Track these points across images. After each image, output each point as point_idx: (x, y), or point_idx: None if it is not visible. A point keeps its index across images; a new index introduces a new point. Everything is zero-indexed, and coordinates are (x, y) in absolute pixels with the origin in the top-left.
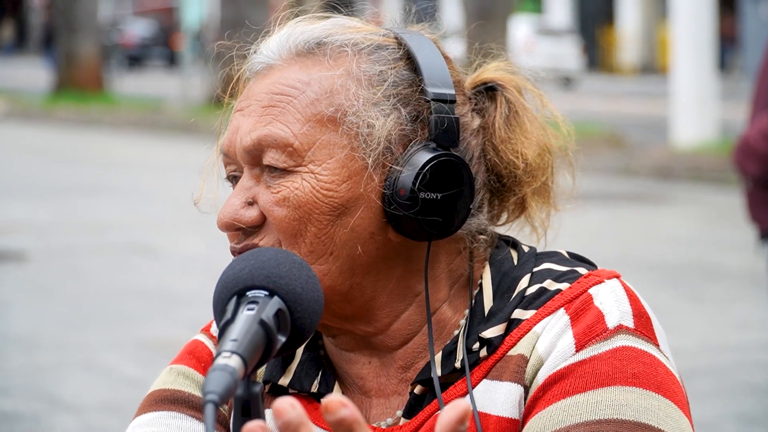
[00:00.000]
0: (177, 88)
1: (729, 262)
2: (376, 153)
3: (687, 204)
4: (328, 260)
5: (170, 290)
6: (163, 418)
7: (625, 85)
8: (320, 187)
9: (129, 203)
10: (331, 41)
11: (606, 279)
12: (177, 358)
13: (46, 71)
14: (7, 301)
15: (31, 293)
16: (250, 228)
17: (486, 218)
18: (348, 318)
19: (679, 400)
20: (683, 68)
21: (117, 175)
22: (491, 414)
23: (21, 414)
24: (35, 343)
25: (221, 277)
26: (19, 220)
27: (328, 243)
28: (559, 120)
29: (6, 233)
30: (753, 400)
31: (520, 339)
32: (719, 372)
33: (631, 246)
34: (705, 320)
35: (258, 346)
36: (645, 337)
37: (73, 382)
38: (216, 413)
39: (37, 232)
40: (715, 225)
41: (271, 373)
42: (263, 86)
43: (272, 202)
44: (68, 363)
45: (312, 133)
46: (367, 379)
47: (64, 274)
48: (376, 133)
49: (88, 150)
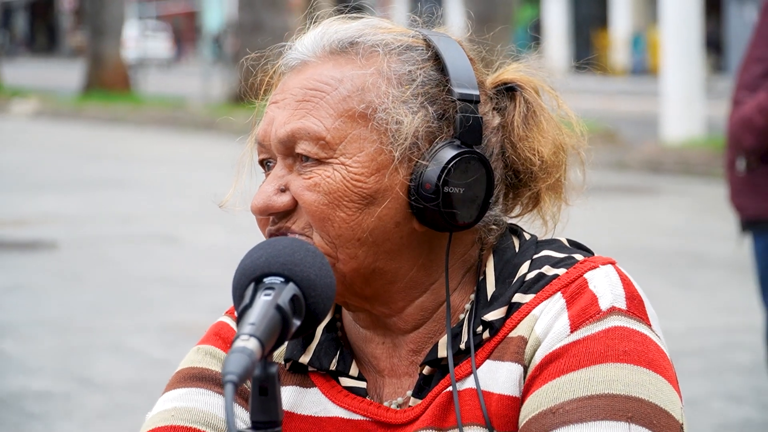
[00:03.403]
0: (198, 87)
1: (715, 250)
2: (403, 148)
3: (676, 196)
4: (354, 245)
5: (192, 277)
6: (191, 393)
7: (618, 84)
8: (350, 177)
9: (153, 196)
10: (364, 41)
11: (601, 265)
12: (204, 339)
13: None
14: (40, 288)
15: (61, 280)
16: (282, 213)
17: (501, 210)
18: (367, 298)
19: (670, 375)
20: (672, 69)
21: (142, 169)
22: (493, 392)
23: (53, 393)
24: (66, 327)
25: (240, 265)
26: (50, 211)
27: (356, 229)
28: (573, 120)
29: (38, 224)
30: (738, 379)
31: (519, 321)
32: (706, 353)
33: (624, 235)
34: (693, 305)
35: (274, 329)
36: (637, 318)
37: (101, 362)
38: (236, 391)
39: (67, 223)
40: (703, 215)
41: (292, 352)
42: (298, 81)
43: (304, 187)
44: (97, 345)
45: (343, 128)
46: (381, 359)
47: (92, 262)
48: (403, 130)
49: (115, 146)
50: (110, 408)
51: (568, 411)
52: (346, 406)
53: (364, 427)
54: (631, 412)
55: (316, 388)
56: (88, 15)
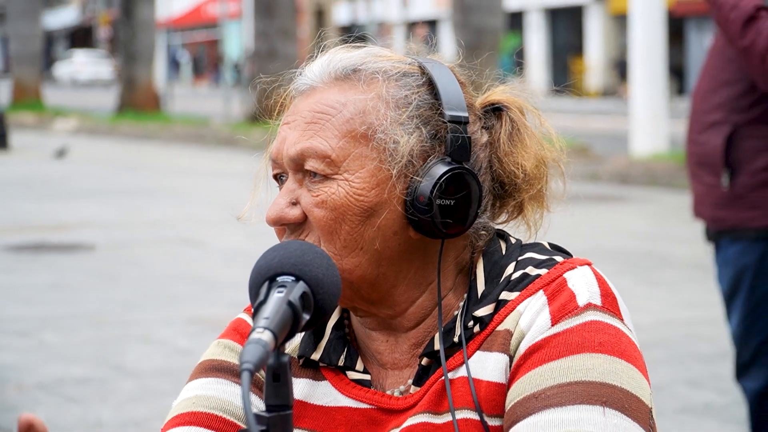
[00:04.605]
0: (220, 108)
1: (678, 252)
2: (400, 165)
3: (643, 204)
4: (359, 254)
5: (214, 276)
6: (211, 383)
7: (591, 105)
8: (353, 192)
9: (180, 204)
10: (365, 68)
11: (578, 265)
12: (224, 333)
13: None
14: (78, 285)
15: (98, 278)
16: (294, 224)
17: (488, 217)
18: (374, 302)
19: (640, 365)
20: (639, 91)
21: (170, 180)
22: (482, 380)
23: (90, 378)
24: (101, 320)
25: (255, 265)
26: (89, 217)
27: (359, 239)
28: (554, 136)
29: (78, 229)
30: (699, 367)
31: (506, 316)
32: (670, 343)
33: (597, 239)
34: (658, 300)
35: (286, 322)
36: (611, 313)
37: (133, 352)
38: (251, 379)
39: (103, 227)
40: (667, 221)
41: (304, 350)
42: (307, 105)
43: (312, 204)
44: (129, 336)
45: (347, 147)
46: (384, 354)
47: (125, 263)
48: (400, 149)
49: (146, 160)
50: (141, 392)
51: (549, 396)
52: (353, 396)
53: (370, 414)
54: (605, 397)
55: (327, 381)
56: (122, 43)
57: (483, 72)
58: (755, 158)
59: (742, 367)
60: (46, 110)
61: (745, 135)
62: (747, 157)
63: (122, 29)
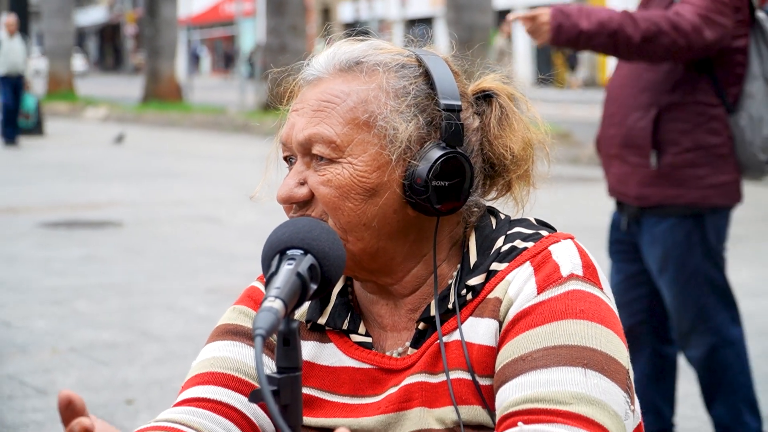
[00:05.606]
0: (235, 97)
1: None
2: (399, 150)
3: None
4: (361, 229)
5: (231, 250)
6: (228, 345)
7: (573, 95)
8: (356, 174)
9: (199, 185)
10: (367, 60)
11: (562, 239)
12: (239, 300)
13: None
14: (108, 258)
15: (125, 252)
16: (301, 202)
17: (479, 195)
18: (374, 272)
19: (618, 330)
20: None
21: (190, 163)
22: (474, 343)
23: (118, 343)
24: (129, 290)
25: (267, 240)
26: (117, 197)
27: (362, 216)
28: (539, 121)
29: (108, 207)
30: None
31: (496, 285)
32: None
33: (577, 216)
34: None
35: (295, 292)
36: (591, 283)
37: (157, 318)
38: (264, 343)
39: (131, 206)
40: None
41: (312, 314)
42: (313, 94)
43: (319, 183)
44: (154, 304)
45: (350, 133)
46: (384, 317)
47: (150, 238)
48: (399, 135)
49: (169, 145)
50: (165, 355)
51: (536, 358)
52: (356, 357)
53: (371, 373)
54: (586, 360)
55: (332, 343)
56: (147, 39)
57: (475, 62)
58: (681, 138)
59: (683, 338)
60: (78, 100)
61: (671, 117)
62: (673, 137)
63: (147, 27)
